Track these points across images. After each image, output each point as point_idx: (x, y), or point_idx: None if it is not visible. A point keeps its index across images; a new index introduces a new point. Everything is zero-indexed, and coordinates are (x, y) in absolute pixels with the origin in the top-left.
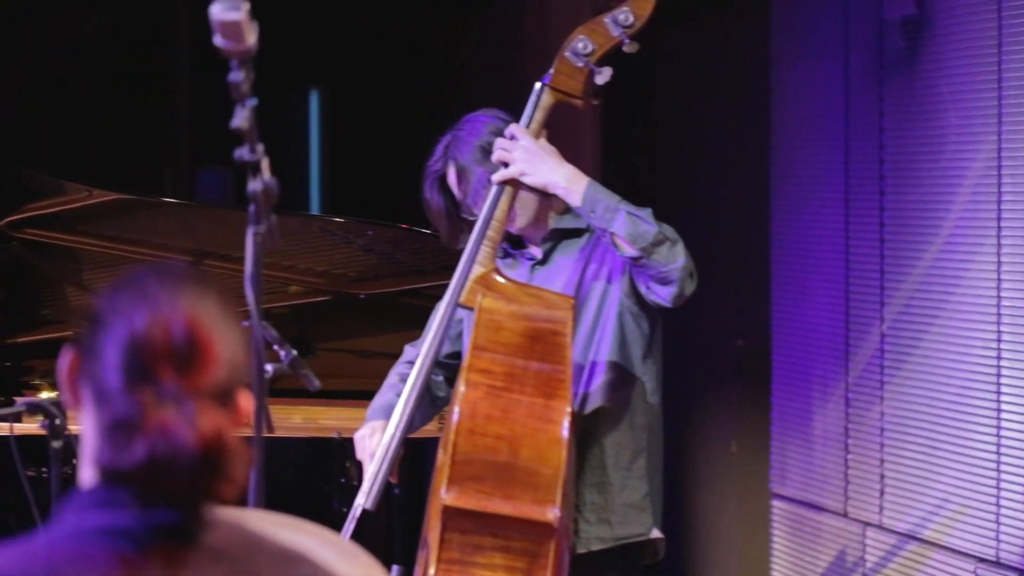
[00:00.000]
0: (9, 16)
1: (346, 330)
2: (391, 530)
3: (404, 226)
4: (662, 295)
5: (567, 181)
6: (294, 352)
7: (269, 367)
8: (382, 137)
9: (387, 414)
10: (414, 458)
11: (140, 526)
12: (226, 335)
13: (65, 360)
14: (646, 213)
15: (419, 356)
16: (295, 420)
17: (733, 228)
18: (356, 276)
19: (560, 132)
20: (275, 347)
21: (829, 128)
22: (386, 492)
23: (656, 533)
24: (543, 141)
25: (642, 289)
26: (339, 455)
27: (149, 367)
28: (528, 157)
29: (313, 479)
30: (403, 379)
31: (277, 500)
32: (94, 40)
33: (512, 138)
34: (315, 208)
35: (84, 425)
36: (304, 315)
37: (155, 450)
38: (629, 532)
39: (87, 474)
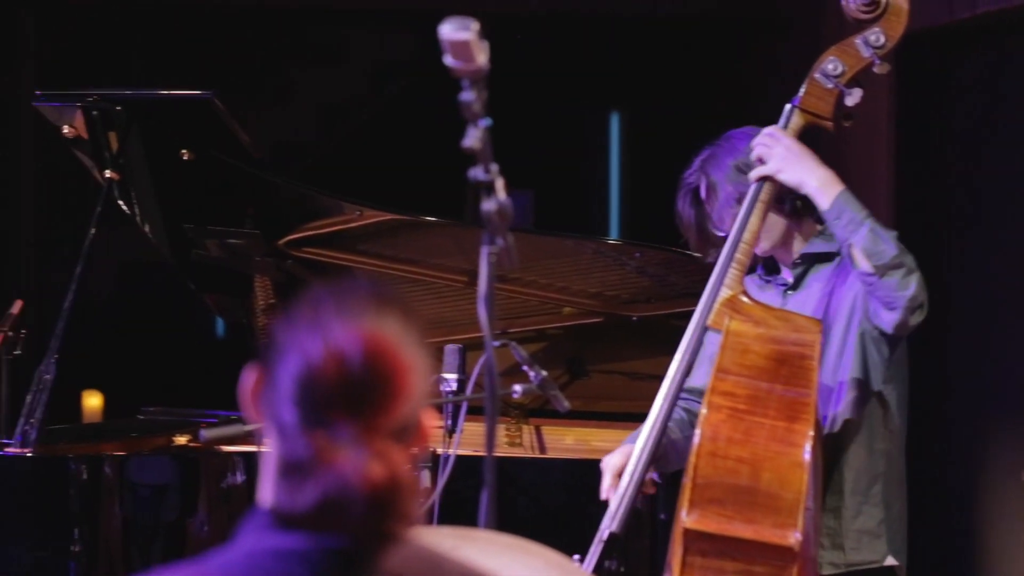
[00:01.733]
0: (318, 39)
1: (619, 352)
2: (653, 552)
3: (674, 248)
4: (885, 320)
5: (820, 183)
6: (544, 373)
7: (518, 387)
8: (681, 159)
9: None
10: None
11: (316, 549)
12: (409, 362)
13: (249, 379)
14: (890, 235)
15: (666, 379)
16: (567, 442)
17: None
18: (629, 298)
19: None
20: (525, 368)
21: None
22: (650, 517)
23: (891, 560)
24: (802, 145)
25: (870, 310)
26: None
27: (323, 408)
28: (787, 155)
29: (582, 501)
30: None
31: (545, 520)
32: (396, 62)
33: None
34: (615, 231)
35: (266, 445)
36: (578, 336)
37: (327, 494)
38: (862, 559)
39: (265, 491)
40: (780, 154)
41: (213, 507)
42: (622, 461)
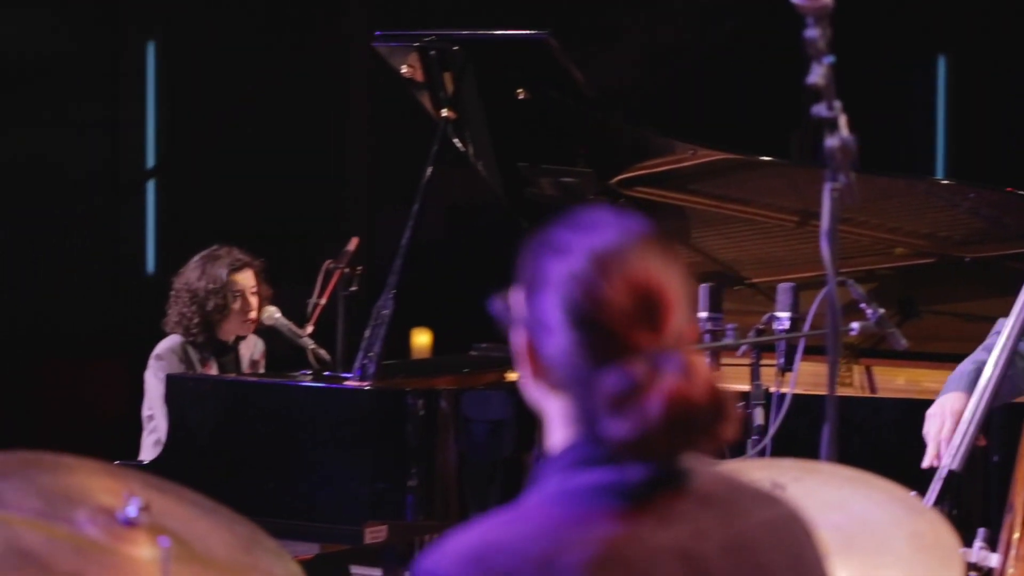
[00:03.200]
0: None
1: (950, 293)
2: (987, 494)
3: (1009, 189)
4: None
5: None
6: (881, 311)
7: (855, 325)
8: (1008, 103)
9: (960, 384)
10: (1012, 424)
11: (626, 480)
12: (676, 284)
13: (519, 337)
14: None
15: (1006, 326)
16: (898, 382)
17: None
18: (961, 239)
19: None
20: (862, 305)
21: None
22: (983, 457)
23: None
24: None
25: None
26: None
27: (611, 339)
28: None
29: (913, 441)
30: (987, 350)
31: (877, 459)
32: (721, 5)
33: None
34: (940, 174)
35: (553, 396)
36: (909, 277)
37: (670, 412)
38: None
39: (558, 437)
40: None
41: None
42: (940, 423)
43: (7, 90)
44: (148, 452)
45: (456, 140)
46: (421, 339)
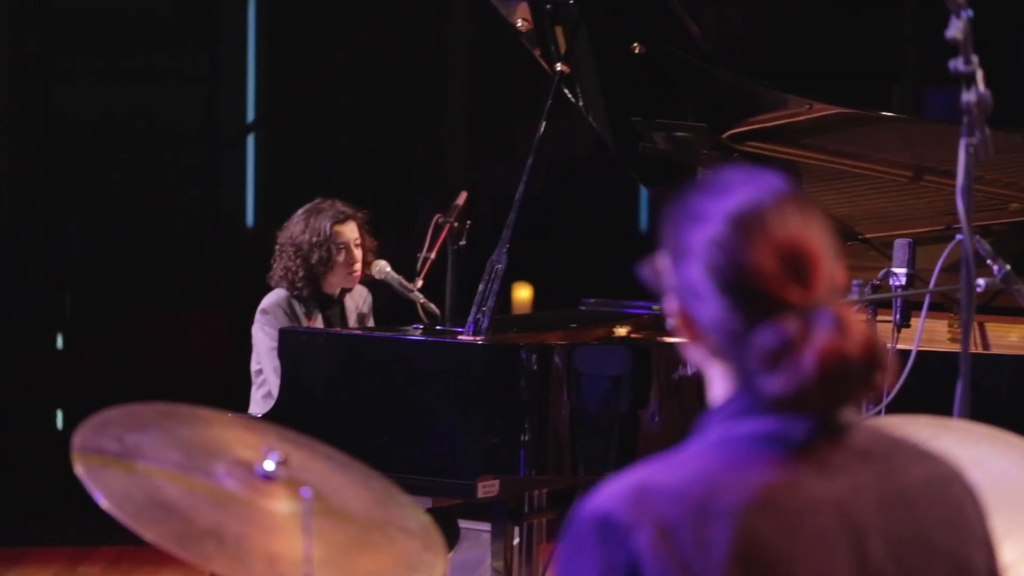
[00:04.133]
0: None
1: None
2: None
3: None
4: None
5: None
6: (1007, 267)
7: (981, 281)
8: None
9: None
10: None
11: (786, 431)
12: (820, 237)
13: (672, 304)
14: None
15: None
16: (1011, 339)
17: None
18: None
19: None
20: (988, 262)
21: None
22: None
23: None
24: None
25: None
26: None
27: (764, 297)
28: None
29: None
30: None
31: (994, 416)
32: None
33: None
34: None
35: (711, 358)
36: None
37: (824, 366)
38: None
39: (719, 390)
40: None
41: (664, 398)
42: None
43: (109, 44)
44: (258, 406)
45: (567, 91)
46: (522, 294)
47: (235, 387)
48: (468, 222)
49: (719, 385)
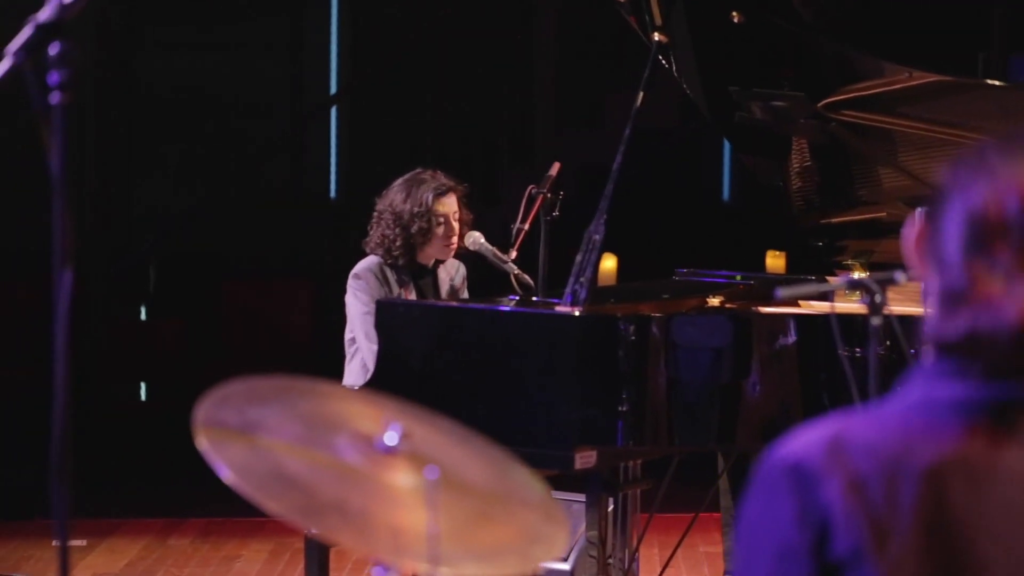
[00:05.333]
0: None
1: None
2: None
3: None
4: None
5: None
6: None
7: None
8: None
9: None
10: None
11: (988, 397)
12: None
13: (912, 229)
14: None
15: None
16: None
17: None
18: None
19: None
20: None
21: None
22: None
23: None
24: None
25: None
26: None
27: (984, 241)
28: None
29: None
30: None
31: None
32: None
33: None
34: None
35: (927, 297)
36: None
37: (977, 323)
38: None
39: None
40: None
41: (764, 368)
42: None
43: (193, 14)
44: (353, 377)
45: (661, 58)
46: (607, 264)
47: (320, 359)
48: (561, 193)
49: (927, 325)
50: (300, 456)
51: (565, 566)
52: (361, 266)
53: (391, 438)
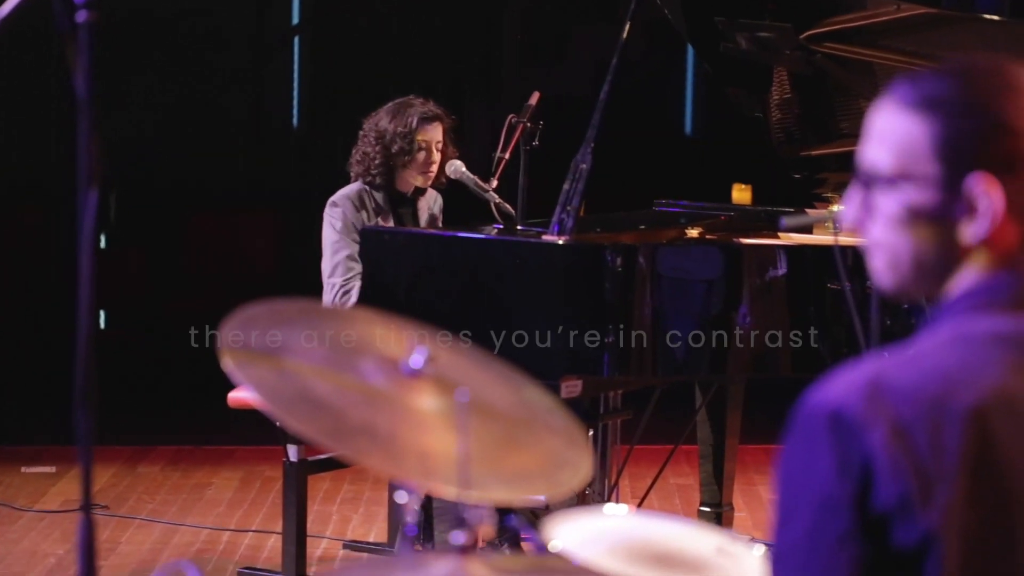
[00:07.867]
0: None
1: None
2: None
3: None
4: None
5: None
6: None
7: None
8: None
9: None
10: None
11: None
12: None
13: (996, 198)
14: None
15: None
16: None
17: None
18: None
19: None
20: None
21: None
22: None
23: None
24: None
25: None
26: None
27: None
28: None
29: None
30: None
31: None
32: None
33: None
34: None
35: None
36: None
37: None
38: None
39: (956, 281)
40: None
41: (754, 299)
42: None
43: None
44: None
45: None
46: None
47: (283, 288)
48: (541, 122)
49: (966, 273)
50: (326, 379)
51: (540, 496)
52: (340, 193)
53: (416, 361)
